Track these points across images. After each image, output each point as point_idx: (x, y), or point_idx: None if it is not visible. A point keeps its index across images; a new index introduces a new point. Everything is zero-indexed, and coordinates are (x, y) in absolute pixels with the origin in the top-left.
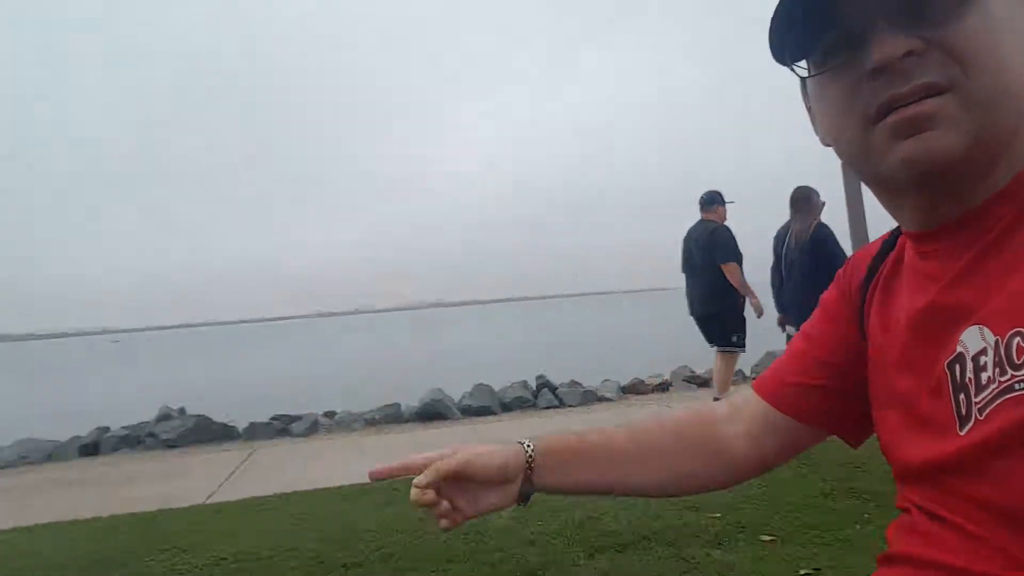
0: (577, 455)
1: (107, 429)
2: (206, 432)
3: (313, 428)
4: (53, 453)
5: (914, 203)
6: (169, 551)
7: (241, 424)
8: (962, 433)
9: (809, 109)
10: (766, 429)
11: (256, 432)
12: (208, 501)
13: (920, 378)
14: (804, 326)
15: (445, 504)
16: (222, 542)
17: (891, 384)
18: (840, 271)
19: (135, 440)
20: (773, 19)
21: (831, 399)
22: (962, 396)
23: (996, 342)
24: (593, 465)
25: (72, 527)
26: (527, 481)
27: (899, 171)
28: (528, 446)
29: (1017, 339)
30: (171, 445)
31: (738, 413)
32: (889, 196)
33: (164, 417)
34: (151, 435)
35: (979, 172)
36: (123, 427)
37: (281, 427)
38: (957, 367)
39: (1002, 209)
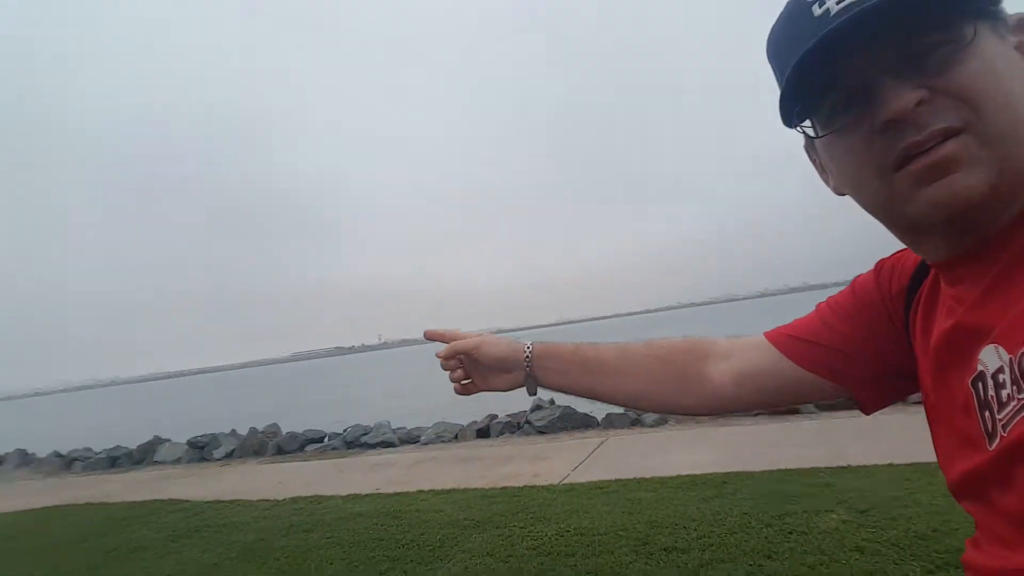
0: (568, 362)
1: (495, 416)
2: (570, 420)
3: (662, 419)
4: (458, 434)
5: (939, 240)
6: (528, 520)
7: (600, 415)
8: (991, 448)
9: (815, 162)
10: (767, 373)
11: (612, 422)
12: (563, 482)
13: (952, 396)
14: (833, 298)
15: (459, 373)
16: (568, 517)
17: (934, 402)
18: (882, 263)
19: (515, 426)
20: (784, 89)
21: (841, 361)
22: (987, 413)
23: (1010, 360)
24: (582, 372)
25: (464, 493)
26: (531, 376)
27: (928, 215)
28: (528, 347)
29: None
30: (542, 431)
31: (737, 353)
32: (913, 236)
33: (537, 407)
34: (527, 422)
35: (1002, 203)
36: (507, 415)
37: (635, 417)
38: (980, 385)
39: (1020, 234)
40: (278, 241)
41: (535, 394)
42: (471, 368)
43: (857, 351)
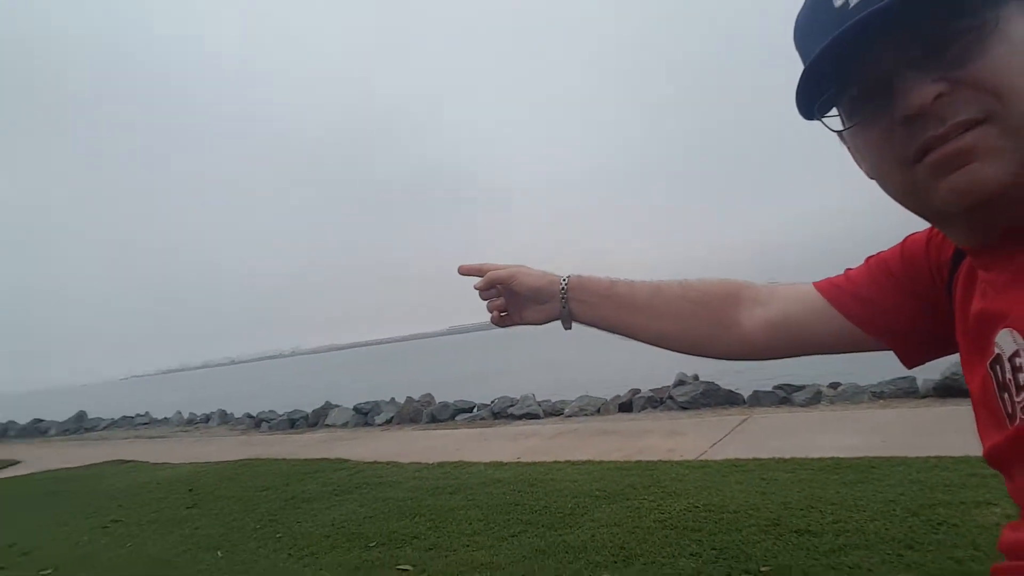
0: (602, 297)
1: (638, 391)
2: (713, 397)
3: (815, 399)
4: (601, 407)
5: (966, 229)
6: (659, 493)
7: (746, 392)
8: (1010, 428)
9: (848, 147)
10: (806, 323)
11: (759, 399)
12: (698, 458)
13: (977, 377)
14: (882, 254)
15: (499, 302)
16: (698, 493)
17: (970, 379)
18: (933, 231)
19: (658, 401)
20: (800, 82)
21: (887, 317)
22: (1006, 395)
23: None
24: (615, 308)
25: (599, 465)
26: (566, 308)
27: (949, 205)
28: (564, 279)
29: None
30: (684, 407)
31: (776, 300)
32: (940, 224)
33: (680, 383)
34: (670, 397)
35: None
36: (650, 390)
37: (783, 396)
38: (997, 367)
39: None
40: (434, 219)
41: (570, 328)
42: (508, 300)
43: (901, 309)
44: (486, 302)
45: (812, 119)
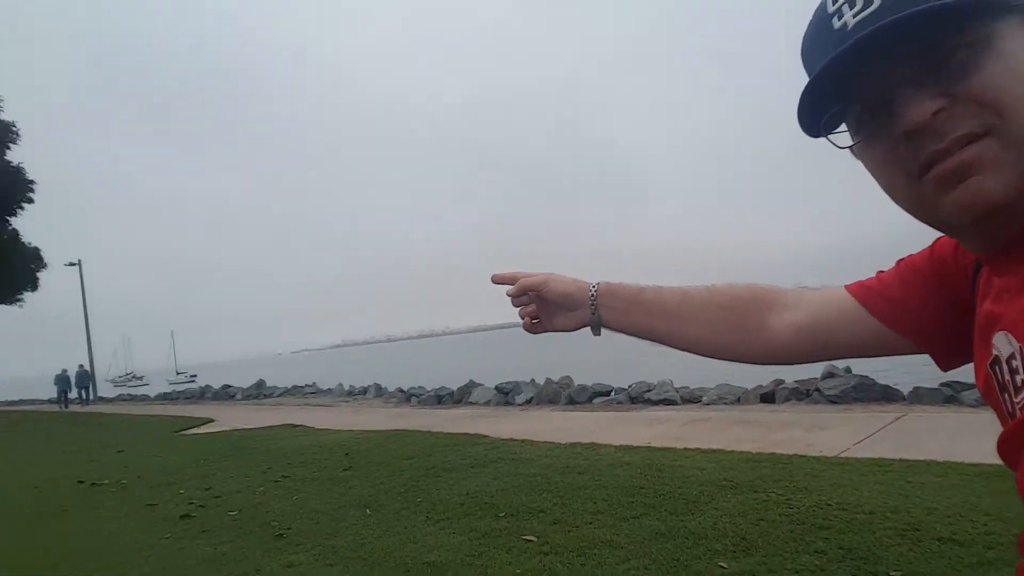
0: (631, 303)
1: (782, 382)
2: (867, 391)
3: None
4: (741, 397)
5: (975, 238)
6: (789, 488)
7: (905, 387)
8: (1011, 422)
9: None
10: (837, 326)
11: (920, 397)
12: (839, 455)
13: (980, 376)
14: (912, 257)
15: (531, 308)
16: (832, 491)
17: (976, 379)
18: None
19: (803, 393)
20: (801, 101)
21: (919, 319)
22: (1006, 395)
23: (1020, 347)
24: (643, 314)
25: (730, 455)
26: (596, 315)
27: (954, 219)
28: (593, 286)
29: None
30: (833, 400)
31: (805, 304)
32: (950, 234)
33: (829, 375)
34: (817, 390)
35: None
36: (795, 381)
37: (950, 394)
38: (996, 368)
39: None
40: (581, 206)
41: (599, 334)
42: (539, 306)
43: (930, 310)
44: (518, 309)
45: (817, 136)
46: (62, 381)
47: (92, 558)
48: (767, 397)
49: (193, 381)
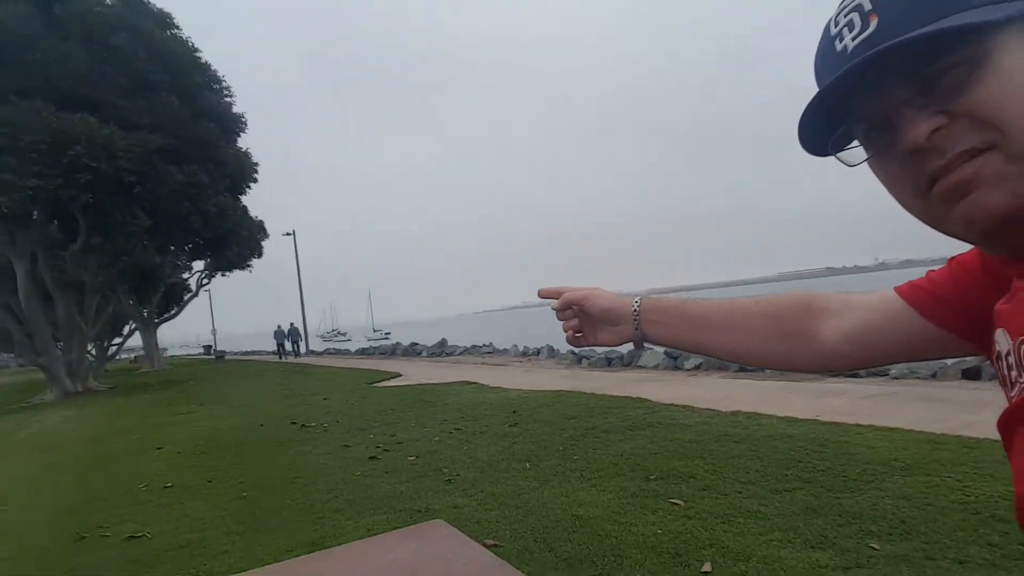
0: (676, 317)
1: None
2: None
3: None
4: (937, 371)
5: (989, 248)
6: (969, 474)
7: None
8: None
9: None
10: (887, 330)
11: None
12: None
13: (993, 366)
14: (964, 254)
15: (574, 322)
16: (981, 479)
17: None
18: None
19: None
20: (801, 123)
21: (971, 318)
22: (1006, 388)
23: (1013, 344)
24: (688, 327)
25: (907, 435)
26: (639, 329)
27: (961, 233)
28: (636, 300)
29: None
30: None
31: (852, 309)
32: (969, 242)
33: None
34: None
35: None
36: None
37: None
38: (1000, 362)
39: None
40: (769, 165)
41: (642, 348)
42: (582, 321)
43: (981, 309)
44: (562, 323)
45: (823, 155)
46: (279, 335)
47: (307, 483)
48: (971, 373)
49: (387, 338)
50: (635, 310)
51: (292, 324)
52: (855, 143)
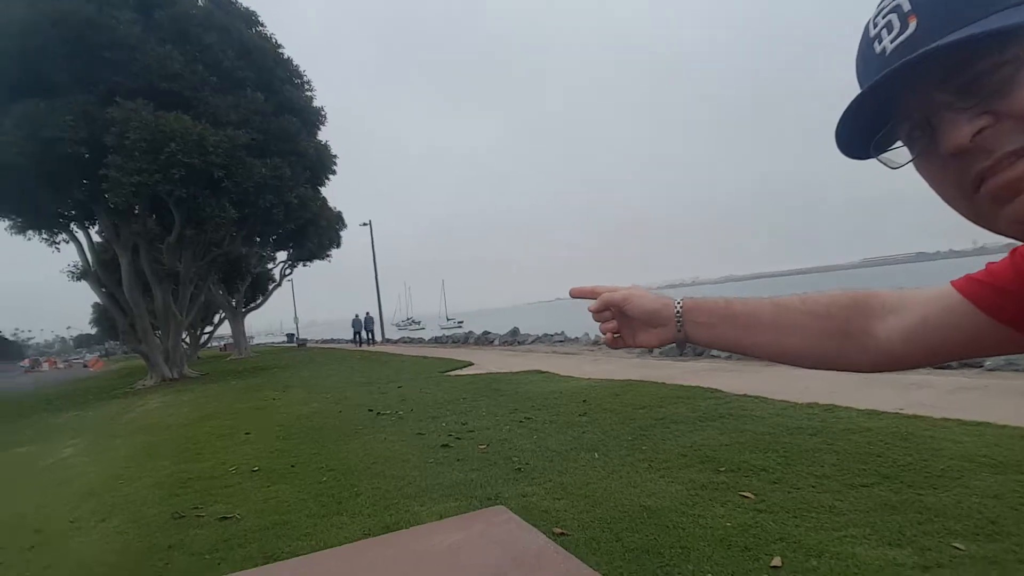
0: (722, 318)
1: None
2: None
3: None
4: None
5: None
6: (1019, 473)
7: None
8: None
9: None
10: (946, 326)
11: None
12: None
13: None
14: (1022, 248)
15: (612, 324)
16: None
17: None
18: None
19: None
20: (839, 127)
21: None
22: None
23: None
24: (733, 327)
25: (1000, 430)
26: (681, 331)
27: (1010, 232)
28: (679, 302)
29: None
30: None
31: (908, 306)
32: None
33: None
34: None
35: None
36: None
37: None
38: None
39: None
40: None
41: (684, 351)
42: (621, 322)
43: None
44: (599, 324)
45: (864, 158)
46: (357, 323)
47: (382, 470)
48: None
49: (460, 327)
50: (678, 311)
51: (368, 313)
52: (898, 144)
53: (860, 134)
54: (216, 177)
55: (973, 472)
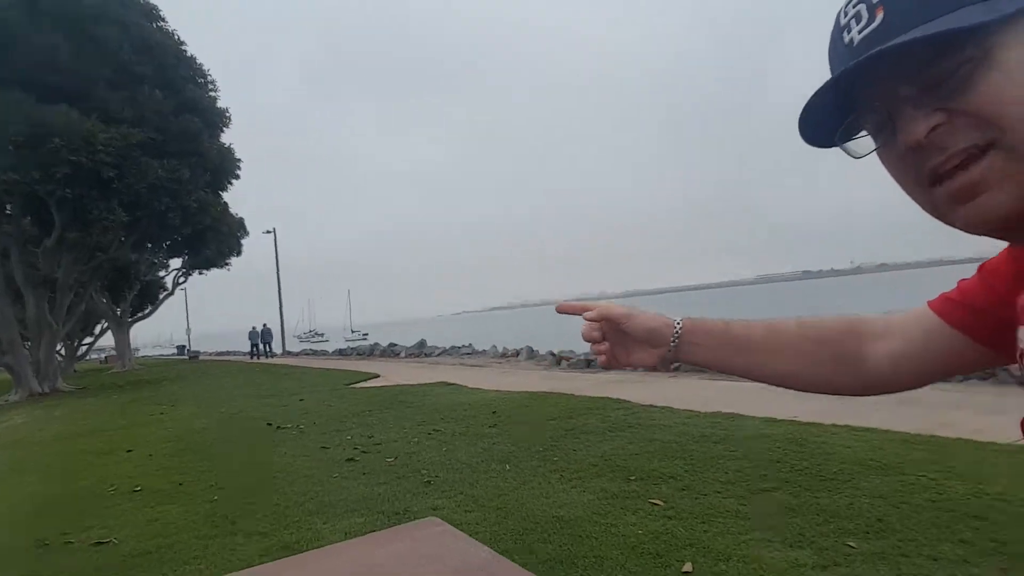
0: (718, 339)
1: None
2: None
3: None
4: None
5: (1004, 239)
6: (941, 473)
7: None
8: None
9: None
10: (927, 348)
11: None
12: (1016, 442)
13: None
14: (995, 259)
15: (605, 345)
16: (995, 480)
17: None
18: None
19: (987, 372)
20: (803, 115)
21: (1002, 327)
22: None
23: None
24: (730, 350)
25: (882, 435)
26: (676, 350)
27: (969, 230)
28: (678, 322)
29: None
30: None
31: (894, 331)
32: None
33: None
34: (1005, 369)
35: None
36: None
37: None
38: (1022, 359)
39: None
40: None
41: (669, 369)
42: (615, 339)
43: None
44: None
45: (825, 146)
46: (254, 335)
47: (282, 486)
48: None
49: (365, 339)
50: (676, 332)
51: (265, 325)
52: (862, 134)
53: (825, 122)
54: (106, 177)
55: (862, 474)
